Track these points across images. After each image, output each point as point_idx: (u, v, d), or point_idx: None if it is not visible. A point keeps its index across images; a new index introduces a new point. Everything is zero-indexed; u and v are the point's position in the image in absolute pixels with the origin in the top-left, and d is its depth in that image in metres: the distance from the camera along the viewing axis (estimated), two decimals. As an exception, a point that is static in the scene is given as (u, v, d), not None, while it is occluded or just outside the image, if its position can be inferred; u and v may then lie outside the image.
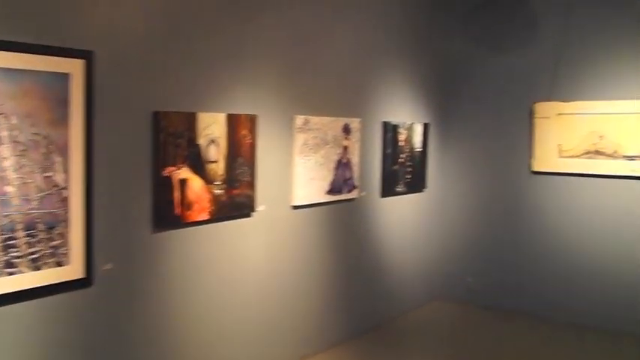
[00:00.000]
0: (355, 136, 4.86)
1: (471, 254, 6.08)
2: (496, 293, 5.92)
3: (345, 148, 4.78)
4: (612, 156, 5.20)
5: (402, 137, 5.45)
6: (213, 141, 3.65)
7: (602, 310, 5.34)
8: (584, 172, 5.35)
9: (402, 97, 5.52)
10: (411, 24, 5.61)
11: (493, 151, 5.90)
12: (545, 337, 5.23)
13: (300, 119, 4.32)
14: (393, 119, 5.34)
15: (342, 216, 4.87)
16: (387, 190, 5.34)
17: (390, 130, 5.29)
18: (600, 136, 5.24)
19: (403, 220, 5.67)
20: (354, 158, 4.88)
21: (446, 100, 6.09)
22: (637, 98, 5.07)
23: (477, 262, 6.05)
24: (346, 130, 4.76)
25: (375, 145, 5.19)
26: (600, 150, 5.26)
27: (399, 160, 5.45)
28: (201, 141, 3.57)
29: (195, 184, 3.56)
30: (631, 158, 5.11)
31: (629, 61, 5.14)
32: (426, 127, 5.79)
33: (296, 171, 4.33)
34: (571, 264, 5.49)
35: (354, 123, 4.84)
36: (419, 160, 5.75)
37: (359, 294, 5.13)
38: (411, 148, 5.62)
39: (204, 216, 3.64)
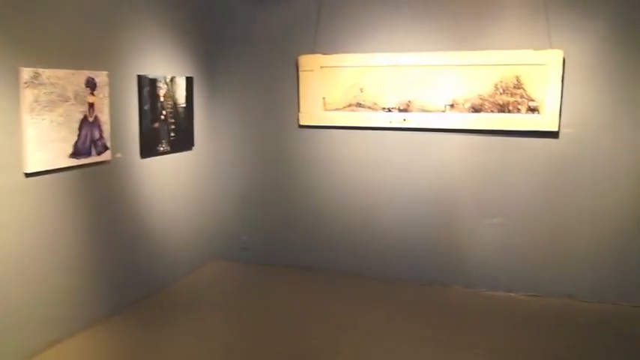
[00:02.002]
0: (103, 91, 4.32)
1: (245, 212, 5.94)
2: (270, 249, 5.88)
3: (91, 104, 4.23)
4: (372, 108, 5.33)
5: (162, 92, 5.02)
6: None
7: (371, 259, 5.55)
8: (348, 125, 5.42)
9: (161, 48, 5.06)
10: (168, -33, 5.15)
11: (262, 105, 5.74)
12: (317, 288, 5.31)
13: (27, 72, 3.68)
14: (151, 72, 4.88)
15: (94, 181, 4.35)
16: (149, 150, 4.91)
17: (147, 85, 4.83)
18: (361, 89, 5.33)
19: (171, 181, 5.30)
20: (104, 116, 4.35)
21: (211, 52, 5.75)
22: (392, 51, 5.21)
23: (251, 219, 5.93)
24: (90, 84, 4.21)
25: (130, 101, 4.70)
26: (361, 102, 5.35)
27: (161, 117, 5.03)
28: None
29: None
30: (388, 110, 5.27)
31: (386, 14, 5.24)
32: (189, 80, 5.42)
33: (27, 133, 3.72)
34: (339, 215, 5.60)
35: (101, 76, 4.30)
36: (184, 117, 5.38)
37: (121, 264, 4.70)
38: (174, 104, 5.22)
39: None
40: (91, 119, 4.24)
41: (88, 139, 4.24)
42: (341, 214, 5.61)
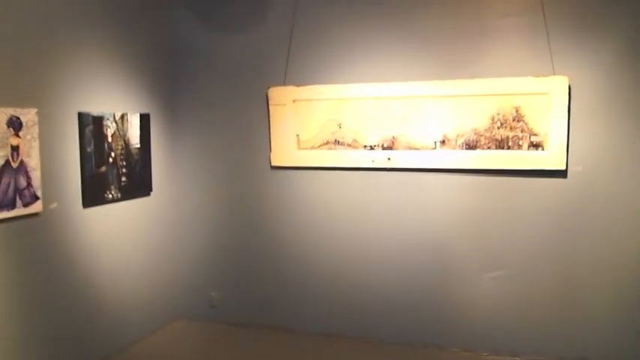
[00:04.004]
0: (31, 131, 3.67)
1: (213, 265, 5.25)
2: (243, 307, 5.17)
3: (15, 148, 3.58)
4: (352, 146, 4.68)
5: (109, 131, 4.37)
6: None
7: (357, 318, 4.84)
8: (325, 165, 4.77)
9: (108, 82, 4.43)
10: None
11: (229, 144, 5.09)
12: (295, 352, 4.58)
13: None
14: (95, 109, 4.25)
15: (22, 237, 3.68)
16: (93, 198, 4.24)
17: (91, 123, 4.18)
18: (339, 125, 4.69)
19: (123, 233, 4.62)
20: (32, 161, 3.69)
21: (171, 86, 5.13)
22: (374, 81, 4.59)
23: (220, 273, 5.24)
24: (14, 124, 3.56)
25: (69, 143, 4.05)
26: (340, 140, 4.71)
27: (109, 160, 4.38)
28: None
29: None
30: (371, 148, 4.63)
31: (366, 40, 4.64)
32: (145, 118, 4.77)
33: None
34: (320, 269, 4.91)
35: (29, 115, 3.65)
36: (138, 159, 4.73)
37: (63, 330, 4.01)
38: (126, 145, 4.57)
39: None
40: (14, 165, 3.58)
41: (11, 188, 3.57)
42: (321, 267, 4.91)
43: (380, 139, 4.61)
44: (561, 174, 4.26)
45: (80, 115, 4.11)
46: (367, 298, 4.82)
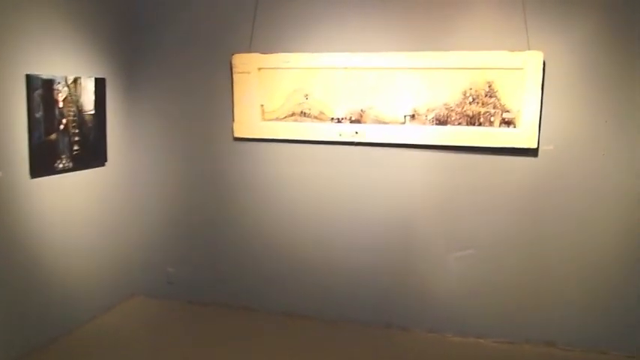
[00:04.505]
0: (-29, 93, 3.39)
1: (171, 240, 5.02)
2: (201, 284, 4.98)
3: (-47, 110, 3.30)
4: (319, 118, 4.48)
5: (60, 96, 4.08)
6: None
7: (318, 298, 4.70)
8: (290, 138, 4.56)
9: (60, 43, 4.13)
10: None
11: (190, 113, 4.83)
12: (252, 331, 4.42)
13: None
14: (45, 72, 3.95)
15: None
16: (42, 167, 3.97)
17: (40, 87, 3.89)
18: (306, 95, 4.48)
19: (75, 204, 4.36)
20: (-28, 125, 3.42)
21: (129, 48, 4.83)
22: (343, 50, 4.39)
23: (178, 248, 5.02)
24: (-49, 84, 3.28)
25: (15, 108, 3.75)
26: (306, 111, 4.50)
27: (60, 127, 4.10)
28: None
29: None
30: (338, 121, 4.44)
31: (336, 6, 4.41)
32: (100, 83, 4.49)
33: None
34: (281, 246, 4.74)
35: (-32, 75, 3.37)
36: (93, 127, 4.45)
37: (16, 307, 3.79)
38: (79, 111, 4.29)
39: None
40: (-48, 129, 3.30)
41: (-52, 154, 3.29)
42: (283, 245, 4.74)
43: (348, 112, 4.42)
44: (532, 153, 4.15)
45: (28, 78, 3.80)
46: (330, 277, 4.67)
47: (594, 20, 3.97)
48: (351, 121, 4.42)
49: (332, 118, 4.46)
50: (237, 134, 4.69)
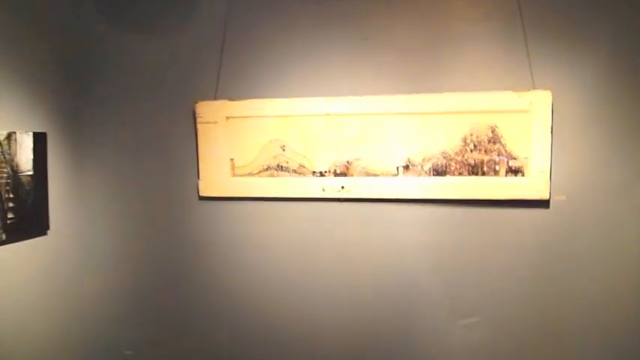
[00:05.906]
0: None
1: (127, 317, 4.34)
2: (165, 367, 4.29)
3: None
4: (299, 172, 3.94)
5: (-10, 155, 3.43)
6: None
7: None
8: (266, 196, 4.00)
9: (-10, 93, 3.50)
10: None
11: (148, 171, 4.23)
12: None
13: None
14: (-30, 127, 3.31)
15: None
16: (-34, 242, 3.28)
17: (-37, 145, 3.24)
18: (282, 147, 3.94)
19: (11, 283, 3.64)
20: None
21: (75, 98, 4.21)
22: (324, 95, 3.88)
23: (135, 327, 4.33)
24: None
25: None
26: (284, 165, 3.95)
27: (-11, 191, 3.43)
28: None
29: None
30: (321, 174, 3.90)
31: (315, 44, 3.93)
32: (39, 138, 3.84)
33: None
34: (257, 320, 4.13)
35: None
36: (31, 190, 3.78)
37: None
38: (14, 172, 3.62)
39: None
40: None
41: None
42: (259, 318, 4.12)
43: (332, 164, 3.88)
44: (544, 204, 3.67)
45: (-53, 135, 3.15)
46: (317, 351, 4.06)
47: (606, 51, 3.56)
48: (336, 174, 3.88)
49: (313, 172, 3.91)
50: (203, 193, 4.09)
